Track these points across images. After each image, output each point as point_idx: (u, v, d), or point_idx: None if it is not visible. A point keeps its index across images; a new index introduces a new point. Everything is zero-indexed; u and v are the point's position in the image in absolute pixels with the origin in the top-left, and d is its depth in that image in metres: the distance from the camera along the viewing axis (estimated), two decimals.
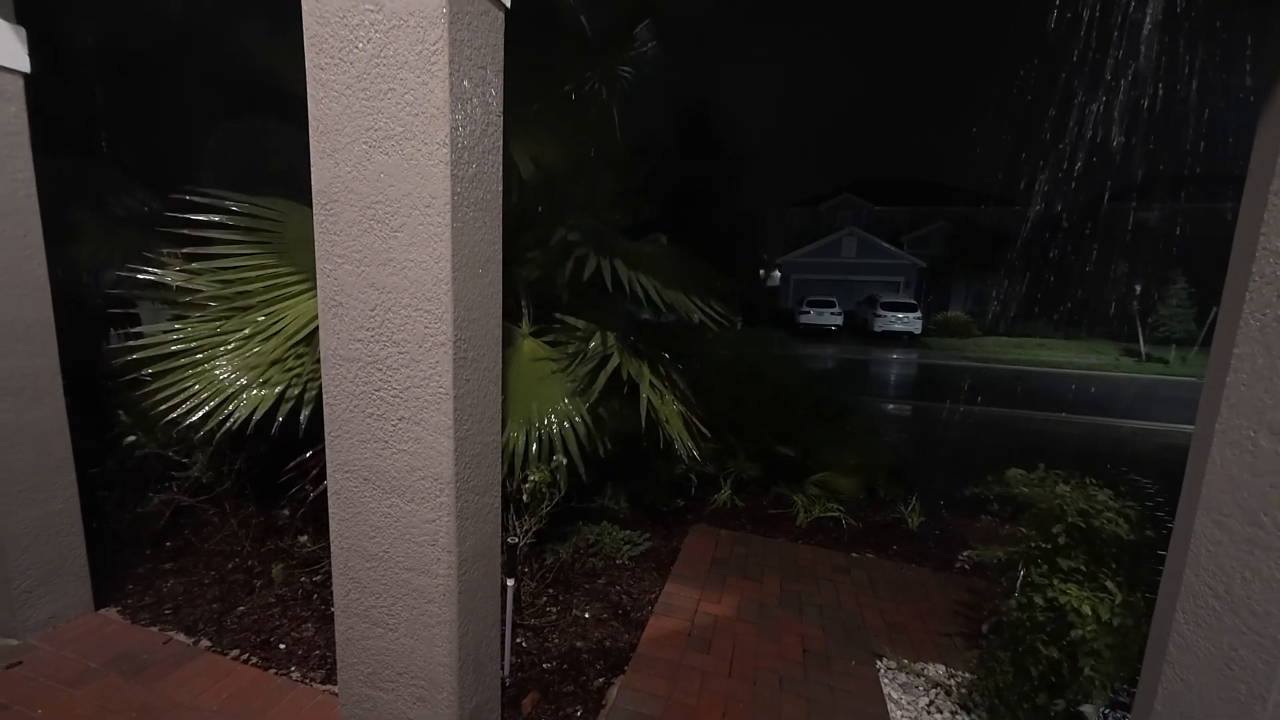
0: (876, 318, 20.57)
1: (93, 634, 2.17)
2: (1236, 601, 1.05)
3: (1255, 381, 0.98)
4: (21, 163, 1.98)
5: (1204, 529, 1.05)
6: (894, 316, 20.38)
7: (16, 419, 2.03)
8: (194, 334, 2.28)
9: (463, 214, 1.28)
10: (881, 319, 20.45)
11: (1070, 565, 1.76)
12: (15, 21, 1.93)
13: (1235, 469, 1.01)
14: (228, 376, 2.23)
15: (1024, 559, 1.92)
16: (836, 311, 21.66)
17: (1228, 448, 1.02)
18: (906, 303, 21.24)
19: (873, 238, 26.79)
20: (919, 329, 20.37)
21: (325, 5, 1.25)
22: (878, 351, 17.47)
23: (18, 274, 2.00)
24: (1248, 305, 0.99)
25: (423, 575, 1.41)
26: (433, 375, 1.31)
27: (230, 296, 2.31)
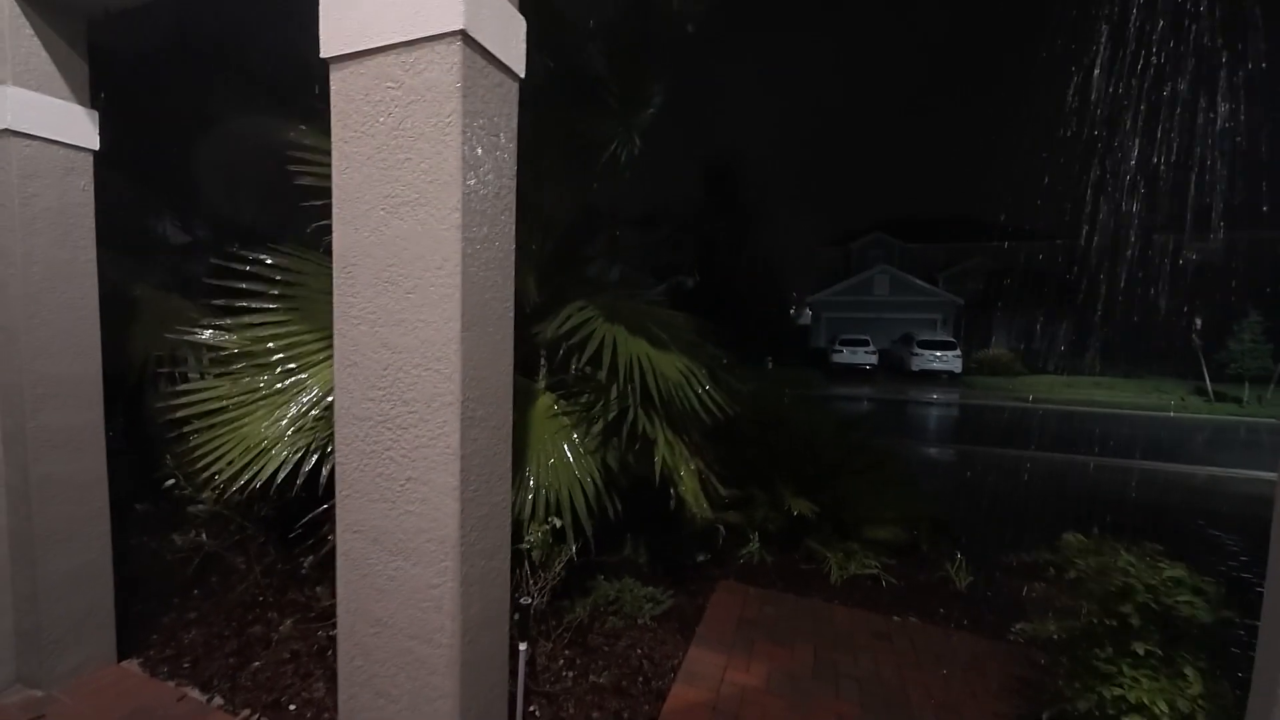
0: (914, 356, 19.94)
1: (112, 687, 2.17)
2: None
3: None
4: (84, 232, 2.14)
5: None
6: (932, 355, 19.72)
7: (61, 470, 2.12)
8: (230, 391, 2.36)
9: (473, 274, 1.29)
10: (919, 357, 19.81)
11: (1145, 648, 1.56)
12: (90, 105, 2.13)
13: None
14: (259, 433, 2.28)
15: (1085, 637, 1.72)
16: (871, 350, 21.14)
17: None
18: (945, 340, 20.57)
19: (906, 275, 26.35)
20: (959, 368, 19.61)
21: (351, 84, 1.33)
22: (915, 391, 16.84)
23: (74, 335, 2.13)
24: None
25: (426, 644, 1.35)
26: (440, 434, 1.30)
27: (261, 353, 2.39)
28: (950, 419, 12.72)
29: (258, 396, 2.32)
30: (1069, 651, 1.81)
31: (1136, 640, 1.57)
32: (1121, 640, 1.62)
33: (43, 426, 2.06)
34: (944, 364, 19.53)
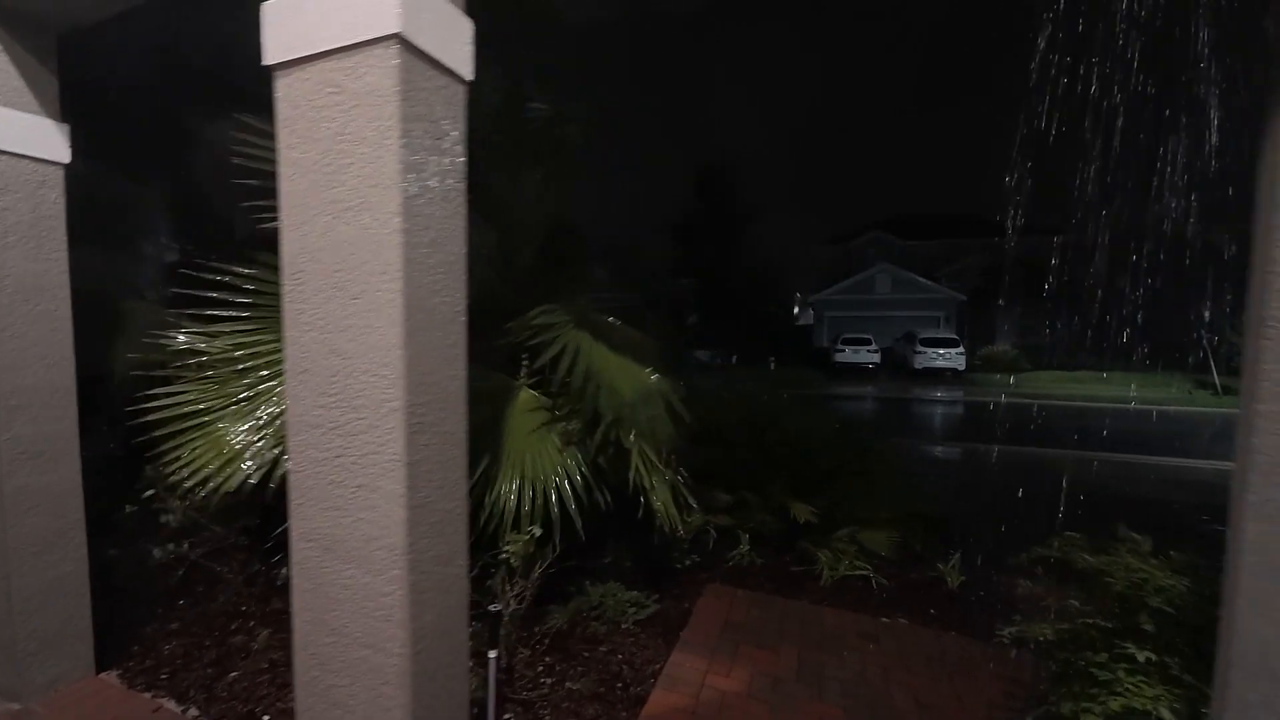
0: (916, 354, 19.84)
1: (90, 699, 2.17)
2: None
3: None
4: (56, 244, 2.15)
5: (1247, 625, 0.87)
6: (934, 353, 19.61)
7: (36, 481, 2.13)
8: (201, 397, 2.36)
9: (418, 279, 1.28)
10: (921, 355, 19.71)
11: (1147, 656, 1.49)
12: (60, 119, 2.15)
13: (1275, 551, 0.84)
14: (231, 439, 2.28)
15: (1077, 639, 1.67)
16: (873, 349, 21.05)
17: (1262, 523, 0.85)
18: (947, 338, 20.46)
19: (907, 273, 26.23)
20: (962, 365, 19.49)
21: (295, 90, 1.33)
22: (919, 389, 16.74)
23: (46, 346, 2.14)
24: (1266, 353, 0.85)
25: (379, 653, 1.34)
26: (387, 441, 1.28)
27: (233, 360, 2.39)
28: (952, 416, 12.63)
29: (229, 403, 2.32)
30: (1058, 653, 1.76)
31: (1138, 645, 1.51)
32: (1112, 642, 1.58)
33: (16, 438, 2.06)
34: (947, 361, 19.42)
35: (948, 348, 19.72)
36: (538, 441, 2.62)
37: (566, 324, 2.72)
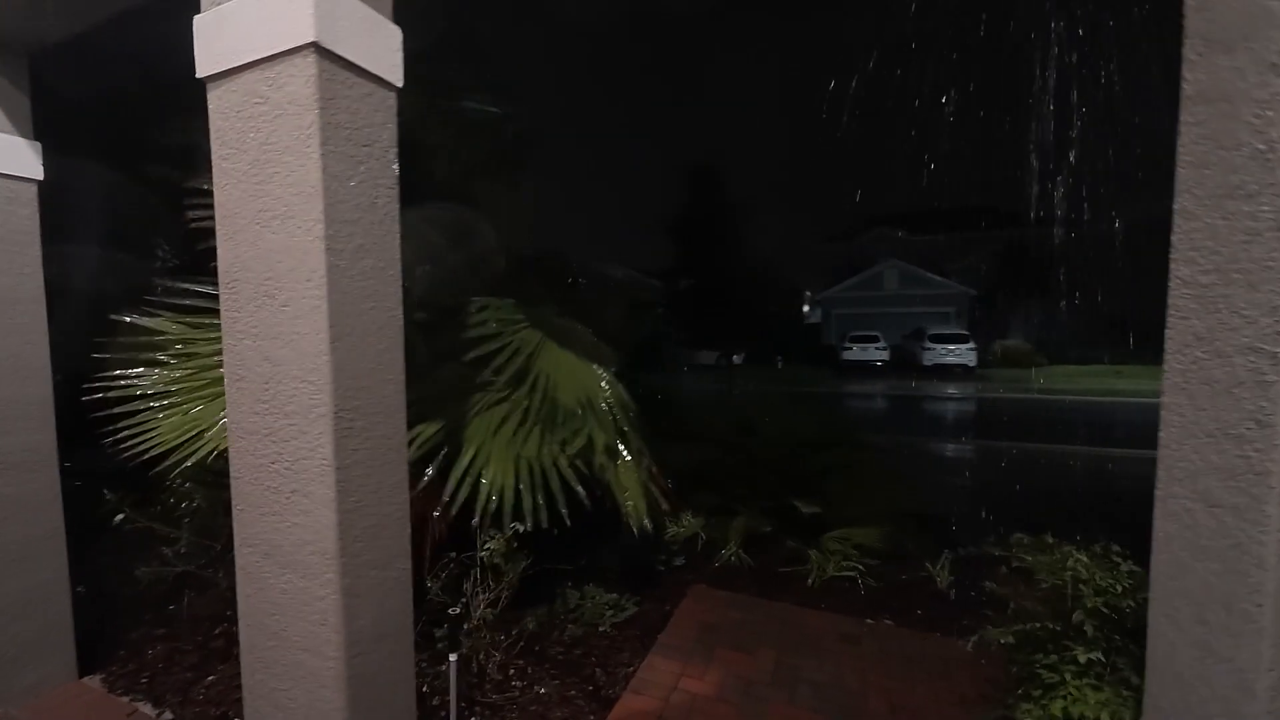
0: (925, 351, 19.58)
1: (69, 704, 2.21)
2: None
3: (1185, 439, 0.80)
4: (30, 259, 2.21)
5: (1158, 625, 0.84)
6: (945, 349, 19.33)
7: (15, 491, 2.18)
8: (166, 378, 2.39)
9: (344, 285, 1.29)
10: (931, 352, 19.44)
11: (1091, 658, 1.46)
12: (33, 138, 2.20)
13: (1179, 549, 0.81)
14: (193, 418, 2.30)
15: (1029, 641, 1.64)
16: (881, 346, 20.81)
17: (1169, 521, 0.82)
18: (958, 333, 20.16)
19: (915, 268, 25.92)
20: (974, 361, 19.19)
21: (225, 102, 1.35)
22: (928, 387, 16.52)
23: (22, 357, 2.19)
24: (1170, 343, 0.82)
25: (316, 657, 1.35)
26: (317, 446, 1.29)
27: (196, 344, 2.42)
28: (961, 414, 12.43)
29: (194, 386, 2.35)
30: (1016, 655, 1.73)
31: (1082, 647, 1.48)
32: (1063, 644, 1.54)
33: None
34: (957, 358, 19.14)
35: (958, 344, 19.43)
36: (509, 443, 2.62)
37: (518, 324, 2.73)
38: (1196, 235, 0.76)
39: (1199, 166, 0.75)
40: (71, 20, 2.03)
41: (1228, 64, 0.70)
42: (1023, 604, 1.64)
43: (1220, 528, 0.72)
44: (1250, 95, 0.68)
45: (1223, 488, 0.72)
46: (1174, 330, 0.81)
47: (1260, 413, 0.66)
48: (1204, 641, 0.75)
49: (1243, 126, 0.69)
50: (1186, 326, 0.78)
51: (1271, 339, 0.65)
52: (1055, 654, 1.44)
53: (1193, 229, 0.76)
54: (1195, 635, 0.77)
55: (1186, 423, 0.79)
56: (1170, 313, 0.81)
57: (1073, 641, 1.42)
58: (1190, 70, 0.77)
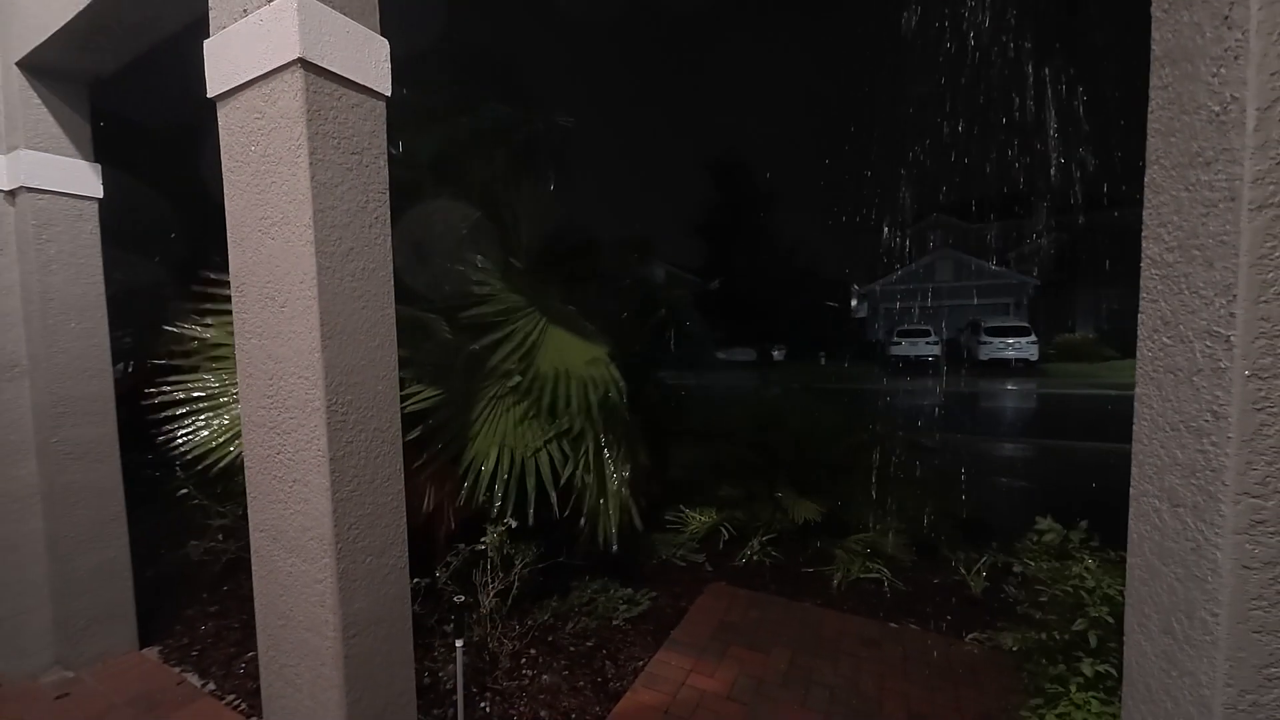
0: (981, 345, 18.50)
1: (129, 671, 2.44)
2: None
3: (1154, 432, 0.73)
4: (93, 269, 2.44)
5: (1132, 634, 0.77)
6: (1002, 342, 18.20)
7: (82, 479, 2.43)
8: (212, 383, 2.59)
9: (334, 286, 1.37)
10: (987, 346, 18.35)
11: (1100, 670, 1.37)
12: (93, 160, 2.44)
13: (1149, 551, 0.74)
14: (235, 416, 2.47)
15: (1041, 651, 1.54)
16: (932, 340, 19.85)
17: (1140, 521, 0.75)
18: (1017, 326, 18.93)
19: (971, 257, 24.54)
20: (1035, 354, 17.97)
21: (230, 119, 1.45)
22: (985, 383, 15.62)
23: (87, 358, 2.43)
24: (1141, 328, 0.75)
25: (317, 636, 1.44)
26: (313, 438, 1.38)
27: None
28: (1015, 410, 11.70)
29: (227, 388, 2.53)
30: (1025, 665, 1.63)
31: (1090, 658, 1.39)
32: (1075, 657, 1.45)
33: (64, 440, 2.36)
34: (1017, 351, 17.97)
35: (1018, 336, 18.24)
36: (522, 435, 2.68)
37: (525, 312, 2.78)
38: (1164, 209, 0.69)
39: (1166, 134, 0.68)
40: (120, 52, 2.22)
41: (1188, 19, 0.63)
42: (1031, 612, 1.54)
43: (1183, 529, 0.65)
44: (1207, 52, 0.61)
45: (1184, 485, 0.65)
46: (1144, 315, 0.74)
47: (1216, 403, 0.59)
48: (1169, 652, 0.68)
49: (1201, 87, 0.62)
50: (1155, 310, 0.71)
51: (1225, 321, 0.58)
52: (1064, 665, 1.35)
53: (1160, 203, 0.69)
54: (1162, 646, 0.70)
55: (1155, 415, 0.72)
56: (1141, 295, 0.74)
57: (1083, 653, 1.32)
58: (1157, 29, 0.69)
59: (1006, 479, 6.46)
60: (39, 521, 2.43)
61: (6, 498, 2.35)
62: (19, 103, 2.25)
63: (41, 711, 2.19)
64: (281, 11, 1.30)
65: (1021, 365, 17.99)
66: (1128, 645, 0.78)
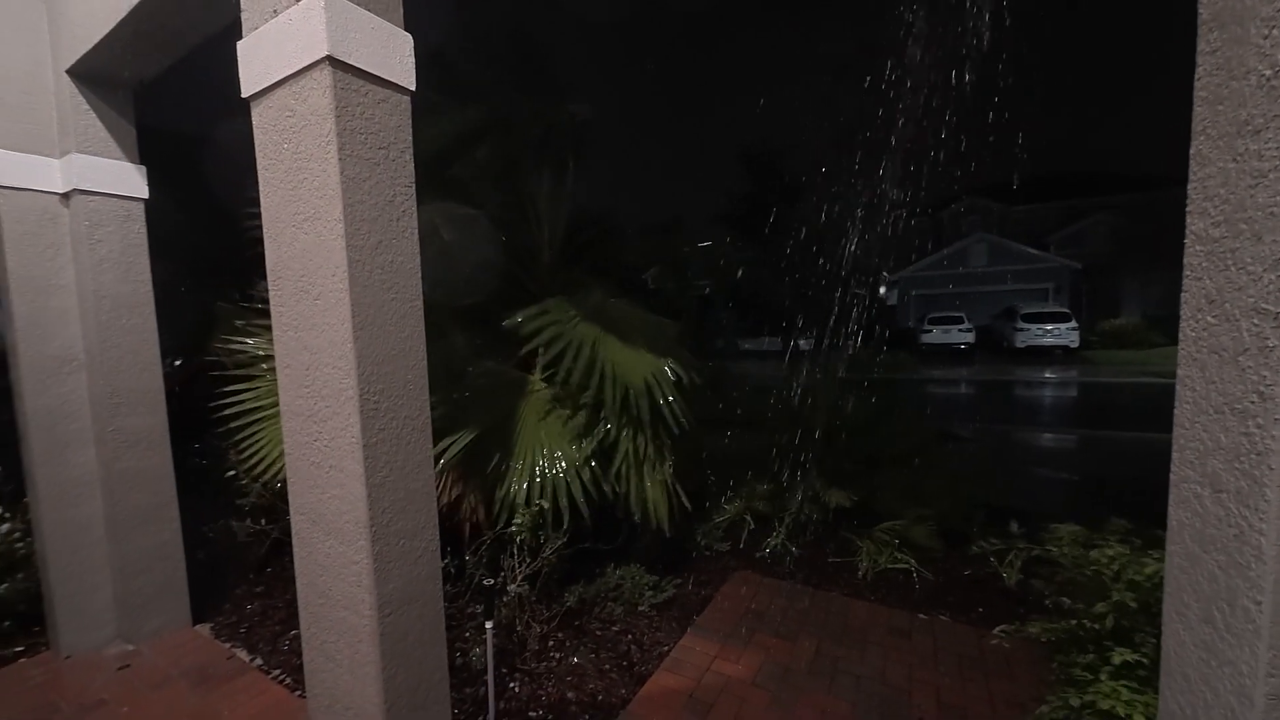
0: (1018, 331, 17.85)
1: (184, 646, 2.60)
2: None
3: (1196, 416, 0.69)
4: (142, 268, 2.57)
5: (1170, 622, 0.75)
6: (1041, 329, 17.52)
7: (137, 465, 2.57)
8: (265, 393, 2.71)
9: (364, 278, 1.41)
10: (1024, 333, 17.69)
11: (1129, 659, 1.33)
12: (139, 162, 2.55)
13: (1189, 538, 0.71)
14: None
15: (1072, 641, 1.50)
16: (966, 328, 19.22)
17: (1180, 508, 0.72)
18: (1057, 311, 18.18)
19: (1009, 241, 23.61)
20: (1076, 341, 17.25)
21: (264, 118, 1.50)
22: (1021, 371, 15.09)
23: (139, 353, 2.57)
24: (1185, 308, 0.72)
25: (354, 614, 1.50)
26: (346, 426, 1.43)
27: None
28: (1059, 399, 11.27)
29: None
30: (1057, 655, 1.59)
31: (1120, 646, 1.35)
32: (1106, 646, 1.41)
33: (119, 429, 2.51)
34: (1056, 338, 17.28)
35: (1057, 323, 17.53)
36: (549, 433, 2.73)
37: (572, 319, 2.79)
38: (1210, 182, 0.65)
39: (1213, 102, 0.64)
40: (161, 57, 2.31)
41: None
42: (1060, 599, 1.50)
43: (1225, 515, 0.62)
44: (1257, 13, 0.57)
45: (1227, 470, 0.62)
46: (1188, 293, 0.70)
47: (1263, 384, 0.56)
48: (1209, 642, 0.66)
49: (1250, 51, 0.58)
50: (1199, 288, 0.68)
51: (1274, 298, 0.55)
52: (1094, 653, 1.31)
53: (1206, 175, 0.66)
54: (1202, 635, 0.67)
55: (1198, 398, 0.68)
56: (1185, 273, 0.71)
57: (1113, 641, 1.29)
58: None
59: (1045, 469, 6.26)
60: (99, 505, 2.58)
61: (70, 483, 2.51)
62: (70, 109, 2.36)
63: (106, 681, 2.35)
64: (309, 10, 1.34)
65: (1060, 352, 17.31)
66: (1165, 634, 0.75)
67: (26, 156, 2.35)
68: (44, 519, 2.46)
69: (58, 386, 2.48)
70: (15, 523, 2.89)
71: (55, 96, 2.41)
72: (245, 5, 1.51)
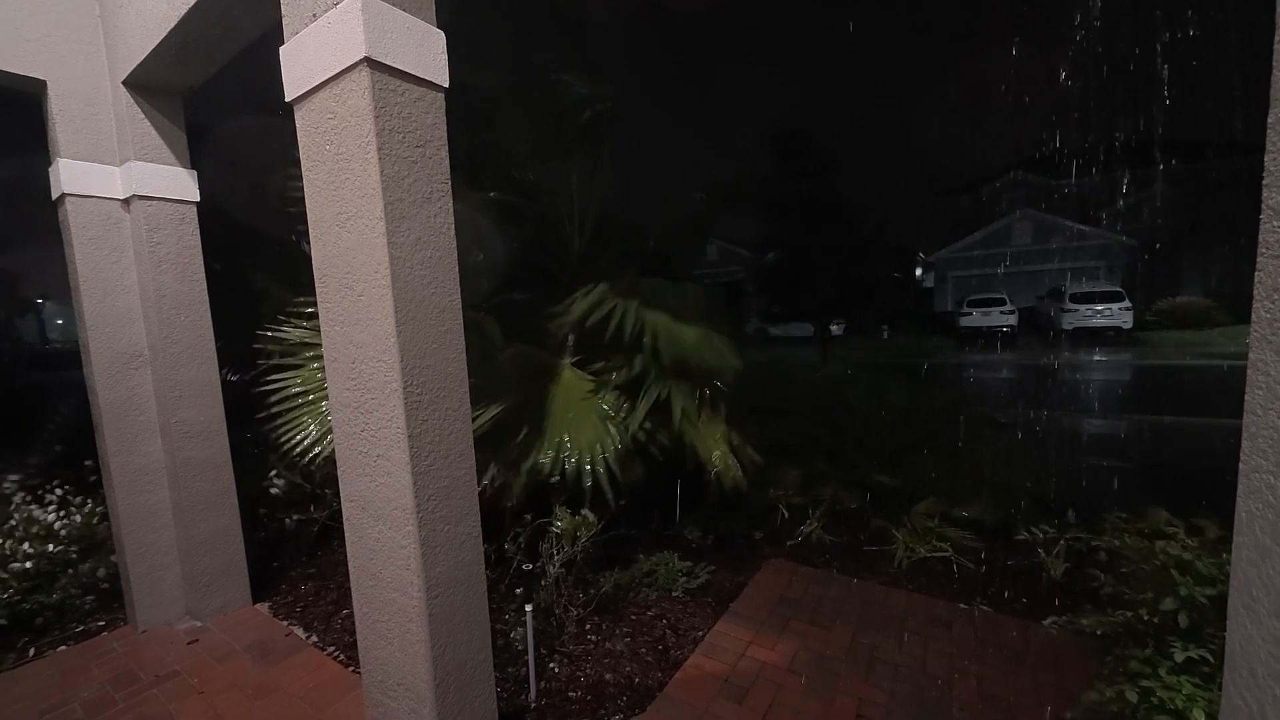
0: (1065, 312, 16.98)
1: (245, 622, 2.77)
2: None
3: (1270, 402, 0.65)
4: (197, 268, 2.70)
5: (1236, 616, 0.72)
6: (1090, 309, 16.62)
7: (199, 454, 2.73)
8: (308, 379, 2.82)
9: (405, 275, 1.45)
10: (1072, 313, 16.82)
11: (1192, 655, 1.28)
12: (190, 167, 2.68)
13: (1260, 530, 0.67)
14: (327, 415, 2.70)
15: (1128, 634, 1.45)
16: (1008, 310, 18.42)
17: (1250, 498, 0.69)
18: (1108, 291, 17.21)
19: (1054, 218, 22.43)
20: (1129, 322, 16.33)
21: (307, 121, 1.55)
22: (1069, 354, 14.44)
23: (197, 347, 2.71)
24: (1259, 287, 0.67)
25: (403, 596, 1.57)
26: (392, 417, 1.49)
27: None
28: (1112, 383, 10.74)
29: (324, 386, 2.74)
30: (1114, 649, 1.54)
31: (1184, 641, 1.30)
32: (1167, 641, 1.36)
33: (181, 420, 2.66)
34: (1107, 319, 16.37)
35: (1109, 302, 16.60)
36: (584, 413, 2.76)
37: (612, 295, 2.83)
38: None
39: None
40: (208, 63, 2.41)
41: None
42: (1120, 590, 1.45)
43: None
44: None
45: None
46: (1263, 271, 0.66)
47: None
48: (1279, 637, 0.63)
49: None
50: (1275, 266, 0.63)
51: None
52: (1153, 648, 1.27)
53: None
54: (1271, 629, 0.64)
55: (1272, 383, 0.64)
56: (1260, 250, 0.66)
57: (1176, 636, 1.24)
58: None
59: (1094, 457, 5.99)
60: (166, 492, 2.76)
61: (140, 471, 2.69)
62: (127, 118, 2.49)
63: (179, 654, 2.53)
64: (347, 13, 1.37)
65: (1112, 334, 16.44)
66: (1231, 629, 0.72)
67: (91, 165, 2.50)
68: (119, 504, 2.65)
69: (126, 381, 2.65)
70: (94, 508, 3.13)
71: (113, 107, 2.55)
72: (286, 10, 1.56)
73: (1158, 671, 1.27)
